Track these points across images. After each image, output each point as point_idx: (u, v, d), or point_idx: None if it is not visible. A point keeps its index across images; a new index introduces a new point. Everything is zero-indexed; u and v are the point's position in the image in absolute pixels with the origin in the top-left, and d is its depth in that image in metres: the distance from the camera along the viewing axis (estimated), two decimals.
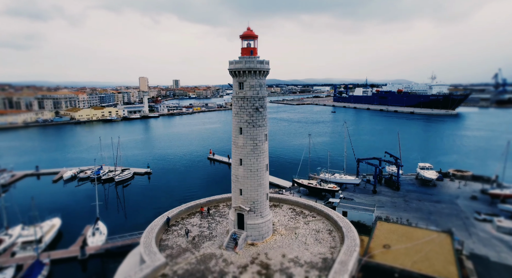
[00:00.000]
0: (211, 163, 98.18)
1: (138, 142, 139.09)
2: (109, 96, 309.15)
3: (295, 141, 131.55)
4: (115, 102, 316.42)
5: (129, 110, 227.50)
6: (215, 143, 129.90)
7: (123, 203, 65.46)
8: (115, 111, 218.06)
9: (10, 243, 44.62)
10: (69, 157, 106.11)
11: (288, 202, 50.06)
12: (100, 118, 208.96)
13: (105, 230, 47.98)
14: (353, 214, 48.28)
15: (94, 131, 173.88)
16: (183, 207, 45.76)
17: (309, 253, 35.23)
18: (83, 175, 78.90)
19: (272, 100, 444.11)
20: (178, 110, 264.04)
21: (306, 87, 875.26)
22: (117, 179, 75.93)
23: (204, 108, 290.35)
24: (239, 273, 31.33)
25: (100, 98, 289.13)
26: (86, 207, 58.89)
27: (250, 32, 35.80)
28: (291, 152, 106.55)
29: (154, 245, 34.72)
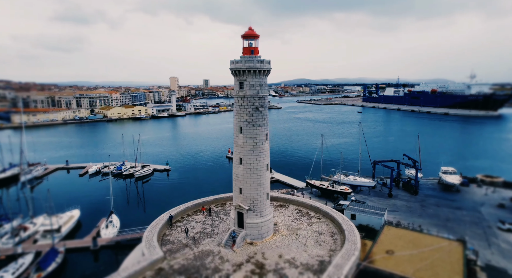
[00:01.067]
0: (230, 162, 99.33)
1: (162, 139, 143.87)
2: (140, 96, 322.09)
3: (315, 141, 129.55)
4: (146, 101, 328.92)
5: (157, 109, 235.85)
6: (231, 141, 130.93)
7: (142, 198, 68.16)
8: (144, 110, 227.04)
9: (33, 231, 48.14)
10: (97, 152, 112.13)
11: (295, 202, 49.65)
12: (130, 116, 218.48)
13: (118, 223, 50.32)
14: (362, 217, 46.90)
15: (124, 128, 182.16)
16: (187, 205, 46.87)
17: (307, 254, 34.83)
18: (107, 170, 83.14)
19: (299, 100, 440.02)
20: (204, 109, 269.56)
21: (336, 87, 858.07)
22: (137, 174, 79.22)
23: (230, 108, 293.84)
24: (232, 271, 31.68)
25: (132, 98, 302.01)
26: (106, 201, 62.05)
27: (251, 32, 35.97)
28: (309, 152, 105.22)
29: (155, 240, 35.98)
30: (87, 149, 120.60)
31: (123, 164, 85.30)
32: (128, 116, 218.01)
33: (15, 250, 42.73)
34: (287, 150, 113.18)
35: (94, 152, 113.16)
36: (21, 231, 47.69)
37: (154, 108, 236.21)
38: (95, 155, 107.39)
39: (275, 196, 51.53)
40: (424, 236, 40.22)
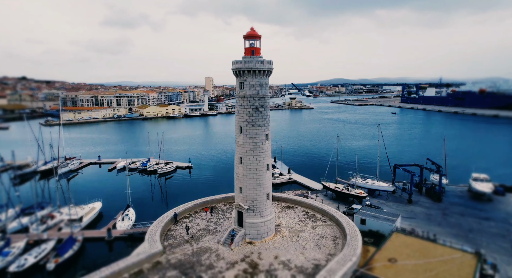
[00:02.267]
0: None
1: (191, 137, 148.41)
2: (176, 95, 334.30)
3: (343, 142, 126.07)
4: (181, 101, 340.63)
5: (190, 108, 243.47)
6: None
7: (163, 194, 71.08)
8: (177, 109, 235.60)
9: (59, 220, 52.27)
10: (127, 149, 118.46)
11: (303, 204, 49.02)
12: (164, 115, 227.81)
13: (133, 217, 53.00)
14: (372, 223, 45.19)
15: (157, 126, 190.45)
16: (195, 202, 48.22)
17: (303, 257, 34.39)
18: (133, 166, 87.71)
19: (333, 100, 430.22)
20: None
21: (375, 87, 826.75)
22: (160, 171, 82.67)
23: None
24: (225, 269, 32.20)
25: (168, 97, 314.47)
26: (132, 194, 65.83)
27: (253, 32, 36.20)
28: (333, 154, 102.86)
29: (158, 234, 37.54)
30: (120, 145, 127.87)
31: (148, 160, 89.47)
32: (162, 115, 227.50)
33: (42, 236, 46.85)
34: (311, 151, 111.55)
35: (125, 148, 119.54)
36: (49, 219, 52.04)
37: (187, 107, 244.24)
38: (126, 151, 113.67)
39: (283, 197, 51.30)
40: (435, 246, 37.83)
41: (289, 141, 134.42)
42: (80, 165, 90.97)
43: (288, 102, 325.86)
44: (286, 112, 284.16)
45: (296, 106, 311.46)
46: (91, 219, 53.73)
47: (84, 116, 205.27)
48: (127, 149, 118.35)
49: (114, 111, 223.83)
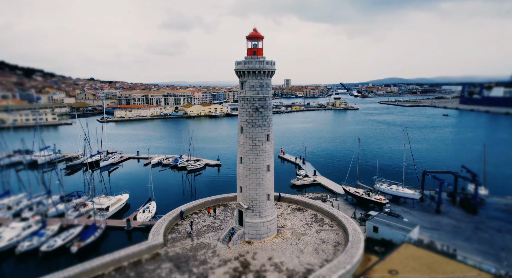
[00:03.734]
0: (282, 162, 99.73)
1: (227, 136, 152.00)
2: (220, 95, 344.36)
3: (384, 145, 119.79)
4: (226, 100, 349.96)
5: (232, 107, 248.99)
6: (291, 141, 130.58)
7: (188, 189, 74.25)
8: (220, 108, 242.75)
9: (90, 208, 57.47)
10: (166, 145, 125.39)
11: (314, 207, 47.91)
12: (207, 114, 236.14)
13: (154, 210, 56.23)
14: (385, 231, 42.64)
15: (200, 124, 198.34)
16: (207, 199, 49.69)
17: (297, 261, 33.83)
18: (166, 162, 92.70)
19: (382, 101, 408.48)
20: (276, 109, 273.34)
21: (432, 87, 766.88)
22: (189, 167, 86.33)
23: (303, 108, 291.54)
24: (217, 266, 32.97)
25: (213, 96, 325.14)
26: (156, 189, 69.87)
27: (255, 33, 36.39)
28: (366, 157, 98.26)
29: (163, 228, 39.60)
30: (160, 141, 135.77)
31: (180, 157, 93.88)
32: (205, 114, 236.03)
33: (73, 221, 52.08)
34: (342, 153, 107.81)
35: (164, 145, 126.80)
36: (82, 206, 57.50)
37: (229, 106, 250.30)
38: (162, 147, 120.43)
39: (295, 199, 50.64)
40: (448, 262, 34.60)
41: (323, 142, 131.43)
42: (121, 159, 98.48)
43: (332, 103, 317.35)
44: (329, 113, 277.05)
45: (340, 107, 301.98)
46: (117, 209, 58.16)
47: (134, 114, 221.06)
48: (166, 146, 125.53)
49: (161, 109, 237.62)
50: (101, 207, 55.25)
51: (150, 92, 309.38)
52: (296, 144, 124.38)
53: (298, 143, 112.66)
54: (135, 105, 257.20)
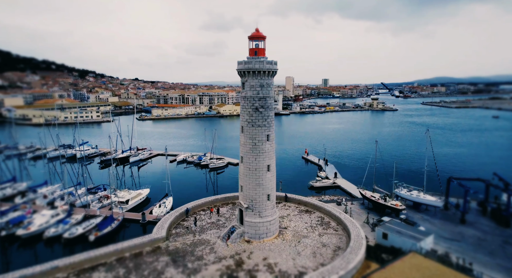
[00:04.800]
0: (306, 163, 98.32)
1: None
2: None
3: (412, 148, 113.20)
4: None
5: None
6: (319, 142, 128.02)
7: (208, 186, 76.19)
8: None
9: (112, 201, 61.14)
10: (195, 143, 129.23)
11: (322, 210, 46.77)
12: (239, 113, 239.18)
13: (169, 205, 58.46)
14: (395, 239, 40.50)
15: (231, 123, 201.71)
16: (217, 197, 50.60)
17: (292, 263, 33.39)
18: (191, 159, 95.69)
19: (425, 101, 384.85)
20: (310, 109, 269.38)
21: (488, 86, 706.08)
22: (211, 165, 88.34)
23: (337, 108, 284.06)
24: (212, 262, 33.59)
25: None
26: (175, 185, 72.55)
27: (257, 33, 36.42)
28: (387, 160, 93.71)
29: (168, 223, 41.11)
30: (189, 139, 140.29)
31: (204, 154, 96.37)
32: (237, 113, 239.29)
33: (95, 212, 55.90)
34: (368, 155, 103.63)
35: (192, 143, 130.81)
36: (105, 199, 61.44)
37: None
38: (190, 145, 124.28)
39: (304, 201, 49.82)
40: (457, 275, 32.00)
41: (350, 143, 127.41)
42: (150, 155, 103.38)
43: (368, 103, 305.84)
44: (365, 113, 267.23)
45: (377, 108, 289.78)
46: (136, 203, 61.28)
47: (170, 113, 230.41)
48: (194, 143, 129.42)
49: (196, 109, 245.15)
50: (122, 200, 58.62)
51: (187, 92, 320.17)
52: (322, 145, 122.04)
53: (325, 144, 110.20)
54: (171, 104, 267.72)
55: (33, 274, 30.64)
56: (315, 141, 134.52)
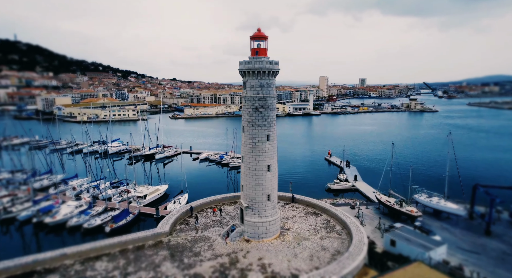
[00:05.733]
0: (329, 165, 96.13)
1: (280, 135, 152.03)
2: (286, 94, 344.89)
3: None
4: (292, 100, 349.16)
5: (294, 107, 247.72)
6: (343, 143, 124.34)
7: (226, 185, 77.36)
8: (281, 108, 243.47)
9: (131, 195, 64.26)
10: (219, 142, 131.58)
11: (329, 213, 45.58)
12: None
13: (184, 202, 60.15)
14: (403, 247, 38.45)
15: None
16: (226, 195, 51.25)
17: (286, 265, 33.01)
18: (213, 158, 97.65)
19: (471, 102, 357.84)
20: (342, 109, 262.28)
21: None
22: (231, 164, 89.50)
23: (371, 109, 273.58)
24: (207, 259, 34.20)
25: (278, 96, 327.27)
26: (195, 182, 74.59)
27: (259, 33, 36.37)
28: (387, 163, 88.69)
29: (173, 218, 42.47)
30: (216, 138, 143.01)
31: (226, 153, 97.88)
32: None
33: (115, 205, 59.18)
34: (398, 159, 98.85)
35: (218, 142, 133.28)
36: (125, 193, 64.74)
37: (291, 106, 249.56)
38: (216, 144, 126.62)
39: (313, 203, 48.84)
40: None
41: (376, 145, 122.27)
42: (175, 153, 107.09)
43: (406, 104, 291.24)
44: (401, 115, 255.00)
45: (416, 109, 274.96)
46: (154, 198, 63.82)
47: (201, 112, 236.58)
48: (219, 142, 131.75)
49: (226, 108, 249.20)
50: (140, 195, 61.43)
51: (219, 91, 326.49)
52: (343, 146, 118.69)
53: (345, 145, 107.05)
54: (203, 104, 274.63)
55: (44, 259, 33.24)
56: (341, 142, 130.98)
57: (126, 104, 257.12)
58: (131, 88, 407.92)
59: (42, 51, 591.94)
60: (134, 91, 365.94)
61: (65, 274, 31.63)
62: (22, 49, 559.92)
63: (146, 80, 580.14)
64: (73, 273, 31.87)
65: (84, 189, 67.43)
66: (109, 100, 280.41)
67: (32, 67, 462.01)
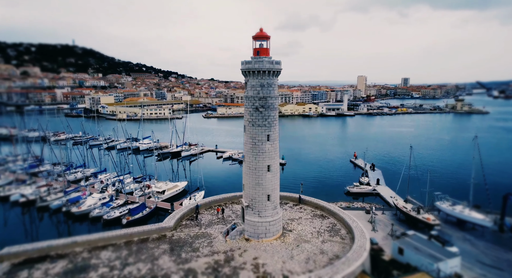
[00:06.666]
0: (354, 167, 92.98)
1: (305, 136, 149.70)
2: (321, 94, 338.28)
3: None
4: (327, 100, 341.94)
5: (327, 108, 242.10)
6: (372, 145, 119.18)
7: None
8: (314, 108, 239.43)
9: (151, 190, 67.21)
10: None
11: (337, 216, 44.15)
12: (301, 113, 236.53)
13: (199, 198, 61.64)
14: (411, 256, 36.26)
15: (291, 123, 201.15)
16: (235, 194, 51.73)
17: (280, 266, 32.67)
18: (236, 157, 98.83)
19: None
20: (378, 110, 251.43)
21: None
22: None
23: (411, 110, 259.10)
24: (204, 255, 34.87)
25: (313, 96, 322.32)
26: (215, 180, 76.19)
27: (261, 33, 36.27)
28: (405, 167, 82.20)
29: (179, 214, 43.81)
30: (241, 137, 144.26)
31: None
32: (299, 113, 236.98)
33: (135, 199, 62.36)
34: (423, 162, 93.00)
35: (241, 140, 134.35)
36: (146, 188, 67.87)
37: (324, 106, 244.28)
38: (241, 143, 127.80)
39: (321, 205, 47.62)
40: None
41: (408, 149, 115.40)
42: (201, 151, 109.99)
43: (451, 105, 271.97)
44: (444, 116, 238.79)
45: (462, 110, 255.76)
46: (172, 194, 66.19)
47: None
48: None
49: None
50: (158, 190, 64.08)
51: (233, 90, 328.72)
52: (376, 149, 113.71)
53: (368, 148, 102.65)
54: (236, 103, 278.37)
55: (57, 245, 36.07)
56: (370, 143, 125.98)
57: (163, 103, 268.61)
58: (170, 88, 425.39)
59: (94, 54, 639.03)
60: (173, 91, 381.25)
61: (73, 260, 34.04)
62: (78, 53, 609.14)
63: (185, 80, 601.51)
64: (80, 260, 34.20)
65: (110, 183, 71.76)
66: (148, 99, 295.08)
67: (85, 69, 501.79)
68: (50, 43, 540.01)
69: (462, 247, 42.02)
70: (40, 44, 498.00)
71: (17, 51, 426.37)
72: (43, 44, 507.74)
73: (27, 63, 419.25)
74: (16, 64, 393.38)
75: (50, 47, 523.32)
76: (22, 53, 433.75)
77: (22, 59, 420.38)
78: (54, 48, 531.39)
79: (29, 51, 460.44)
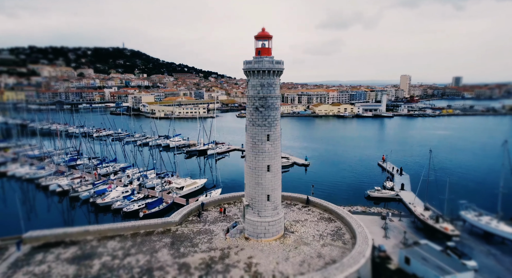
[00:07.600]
0: (382, 171, 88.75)
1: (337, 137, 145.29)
2: (360, 94, 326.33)
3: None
4: (366, 100, 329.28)
5: (364, 108, 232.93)
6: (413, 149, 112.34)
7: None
8: (350, 108, 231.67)
9: (171, 186, 69.69)
10: None
11: (344, 220, 42.53)
12: (336, 113, 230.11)
13: (216, 196, 62.77)
14: (418, 266, 33.99)
15: (324, 124, 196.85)
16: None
17: (273, 267, 32.37)
18: None
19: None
20: (420, 111, 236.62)
21: None
22: None
23: (458, 111, 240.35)
24: (201, 251, 35.60)
25: (350, 96, 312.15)
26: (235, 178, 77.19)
27: (263, 32, 36.05)
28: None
29: (186, 210, 45.10)
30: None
31: None
32: (334, 114, 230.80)
33: (155, 193, 65.25)
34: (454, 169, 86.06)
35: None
36: (167, 183, 70.60)
37: (360, 107, 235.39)
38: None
39: (330, 208, 46.16)
40: None
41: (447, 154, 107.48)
42: (227, 149, 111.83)
43: (508, 106, 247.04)
44: (496, 119, 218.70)
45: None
46: (191, 190, 68.07)
47: None
48: None
49: (292, 108, 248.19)
50: (177, 186, 66.37)
51: (289, 91, 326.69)
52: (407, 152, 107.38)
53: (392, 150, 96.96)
54: None
55: (71, 232, 39.02)
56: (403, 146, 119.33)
57: (199, 102, 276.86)
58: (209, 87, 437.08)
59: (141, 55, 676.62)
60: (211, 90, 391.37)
61: (82, 248, 36.61)
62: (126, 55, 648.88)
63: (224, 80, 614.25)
64: (89, 247, 36.67)
65: (136, 178, 75.71)
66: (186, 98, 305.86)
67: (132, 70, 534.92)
68: (103, 47, 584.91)
69: (485, 262, 38.54)
70: (95, 48, 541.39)
71: (76, 55, 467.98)
72: (97, 48, 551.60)
73: (83, 65, 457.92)
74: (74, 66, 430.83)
75: (103, 50, 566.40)
76: (80, 56, 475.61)
77: (80, 61, 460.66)
78: (106, 51, 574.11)
79: (86, 54, 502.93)
